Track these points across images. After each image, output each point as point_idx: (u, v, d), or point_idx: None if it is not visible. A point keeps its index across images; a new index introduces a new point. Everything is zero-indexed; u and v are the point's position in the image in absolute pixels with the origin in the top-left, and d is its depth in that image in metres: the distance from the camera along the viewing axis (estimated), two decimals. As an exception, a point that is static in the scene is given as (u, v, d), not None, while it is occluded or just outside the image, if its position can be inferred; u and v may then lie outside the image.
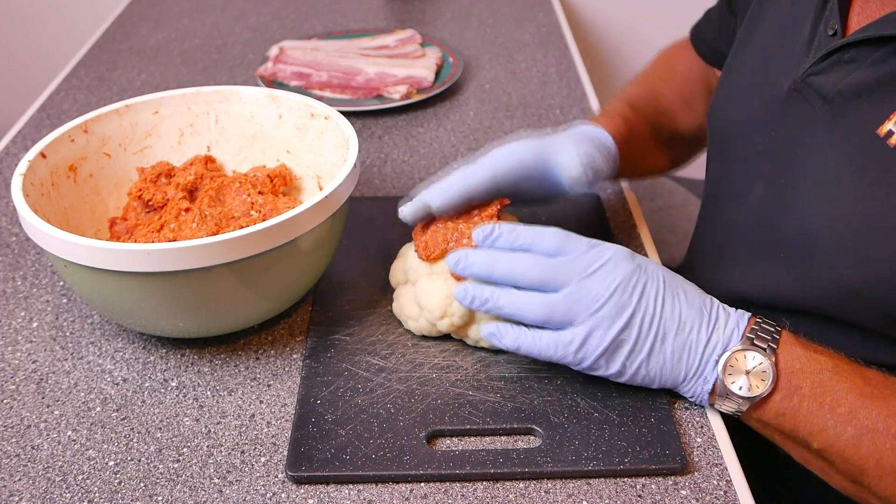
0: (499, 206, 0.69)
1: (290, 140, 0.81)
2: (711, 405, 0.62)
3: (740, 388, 0.58)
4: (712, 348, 0.59)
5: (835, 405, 0.56)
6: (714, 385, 0.59)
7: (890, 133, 0.59)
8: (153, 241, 0.70)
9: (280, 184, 0.78)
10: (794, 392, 0.57)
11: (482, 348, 0.68)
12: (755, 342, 0.58)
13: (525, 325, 0.61)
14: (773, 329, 0.59)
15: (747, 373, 0.58)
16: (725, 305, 0.61)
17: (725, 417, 0.64)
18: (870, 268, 0.59)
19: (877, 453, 0.55)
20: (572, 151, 0.70)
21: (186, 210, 0.73)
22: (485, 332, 0.63)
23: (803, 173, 0.65)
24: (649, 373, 0.60)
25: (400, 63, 1.17)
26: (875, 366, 0.59)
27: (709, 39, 0.93)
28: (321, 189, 0.78)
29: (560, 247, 0.61)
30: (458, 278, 0.66)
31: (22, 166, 0.69)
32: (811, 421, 0.56)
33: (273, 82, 1.14)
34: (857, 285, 0.61)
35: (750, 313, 0.61)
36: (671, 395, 0.65)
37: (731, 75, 0.78)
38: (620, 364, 0.60)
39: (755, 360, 0.58)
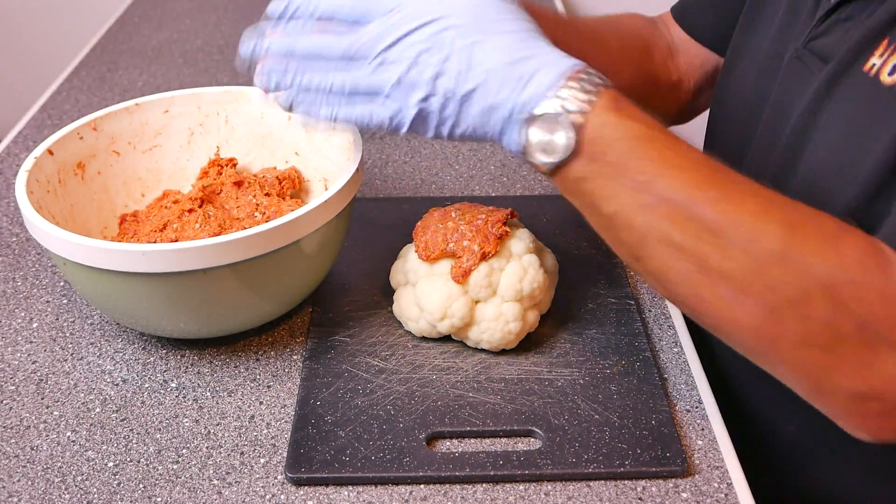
0: (507, 215, 0.69)
1: (299, 142, 0.81)
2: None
3: (542, 152, 0.55)
4: (521, 106, 0.55)
5: (636, 173, 0.53)
6: (522, 145, 0.55)
7: (873, 66, 0.58)
8: (156, 240, 0.70)
9: (289, 186, 0.78)
10: (597, 158, 0.54)
11: (483, 350, 0.68)
12: (565, 105, 0.54)
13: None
14: (593, 88, 0.55)
15: (550, 137, 0.54)
16: (552, 49, 0.56)
17: (725, 419, 0.64)
18: (875, 202, 0.58)
19: (665, 224, 0.53)
20: None
21: (190, 210, 0.73)
22: (286, 101, 0.61)
23: (805, 133, 0.64)
24: (464, 134, 0.57)
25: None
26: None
27: (697, 16, 0.89)
28: (328, 192, 0.79)
29: (364, 10, 0.58)
30: (458, 280, 0.66)
31: (28, 163, 0.70)
32: (608, 185, 0.54)
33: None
34: (863, 218, 0.58)
35: (574, 64, 0.55)
36: (672, 397, 0.65)
37: (741, 61, 0.77)
38: (433, 130, 0.58)
39: (559, 125, 0.54)
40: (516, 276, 0.66)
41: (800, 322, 0.51)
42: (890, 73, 0.57)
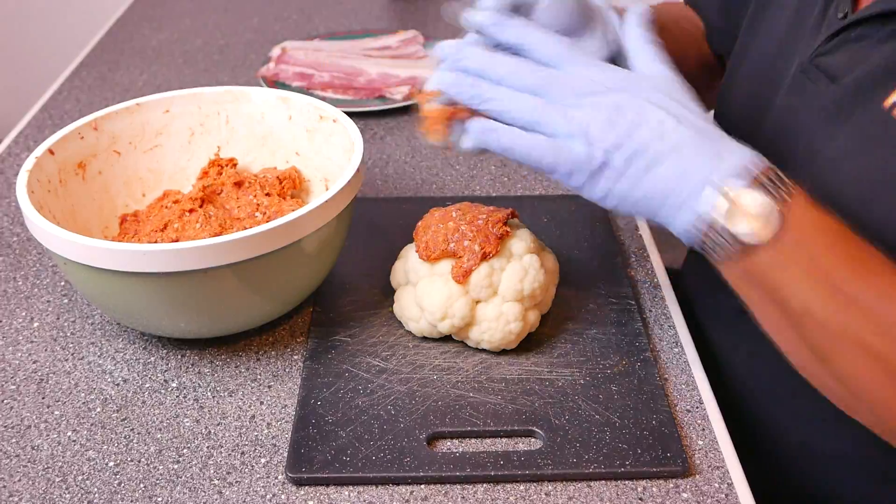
0: (508, 215, 0.69)
1: (300, 142, 0.81)
2: (699, 247, 0.54)
3: (739, 229, 0.51)
4: (712, 177, 0.52)
5: (831, 270, 0.51)
6: (706, 221, 0.52)
7: (895, 105, 0.58)
8: (156, 240, 0.70)
9: (289, 186, 0.78)
10: (796, 244, 0.51)
11: (483, 350, 0.68)
12: (766, 184, 0.52)
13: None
14: (788, 181, 0.53)
15: (748, 215, 0.51)
16: (741, 143, 0.55)
17: (726, 419, 0.64)
18: (885, 240, 0.58)
19: (858, 328, 0.51)
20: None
21: (191, 210, 0.73)
22: (475, 128, 0.56)
23: (811, 156, 0.63)
24: (644, 196, 0.54)
25: (402, 64, 1.17)
26: None
27: (705, 13, 0.90)
28: (328, 192, 0.79)
29: (562, 56, 0.56)
30: (459, 280, 0.65)
31: (28, 163, 0.70)
32: (802, 279, 0.51)
33: (275, 83, 1.14)
34: None
35: (762, 158, 0.53)
36: (672, 397, 0.65)
37: (742, 66, 0.77)
38: (612, 182, 0.54)
39: (761, 201, 0.51)
40: (517, 276, 0.66)
41: None
42: None
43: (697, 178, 0.53)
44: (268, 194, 0.76)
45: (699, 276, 0.80)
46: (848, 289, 0.51)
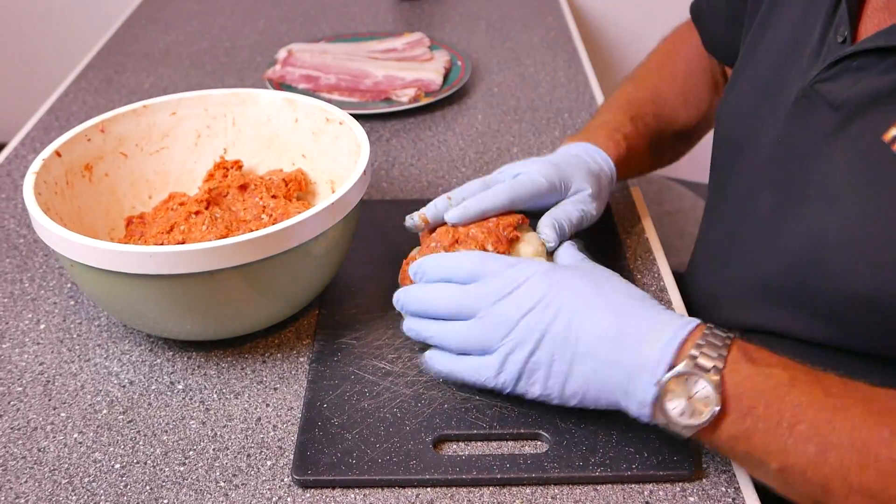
0: (518, 220, 0.69)
1: (306, 144, 0.81)
2: (658, 426, 0.56)
3: (682, 415, 0.53)
4: (643, 367, 0.54)
5: (794, 422, 0.51)
6: (652, 409, 0.54)
7: (894, 139, 0.58)
8: (163, 242, 0.70)
9: (295, 188, 0.78)
10: (747, 413, 0.52)
11: (489, 353, 0.68)
12: (699, 361, 0.53)
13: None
14: (720, 343, 0.54)
15: (689, 398, 0.53)
16: (671, 314, 0.57)
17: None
18: (878, 278, 0.58)
19: (842, 470, 0.50)
20: (581, 181, 0.73)
21: (197, 213, 0.73)
22: (421, 360, 0.64)
23: (810, 181, 0.64)
24: (575, 394, 0.58)
25: (408, 66, 1.17)
26: (832, 370, 0.55)
27: (710, 23, 0.91)
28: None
29: (475, 272, 0.61)
30: None
31: (35, 164, 0.70)
32: (768, 441, 0.52)
33: (281, 85, 1.14)
34: (863, 294, 0.59)
35: (696, 322, 0.56)
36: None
37: (740, 81, 0.78)
38: (541, 386, 0.58)
39: (698, 384, 0.53)
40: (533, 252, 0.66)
41: None
42: None
43: (627, 370, 0.55)
44: (274, 196, 0.76)
45: (701, 279, 0.80)
46: (817, 436, 0.51)
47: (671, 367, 0.53)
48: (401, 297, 0.64)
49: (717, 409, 0.52)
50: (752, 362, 0.54)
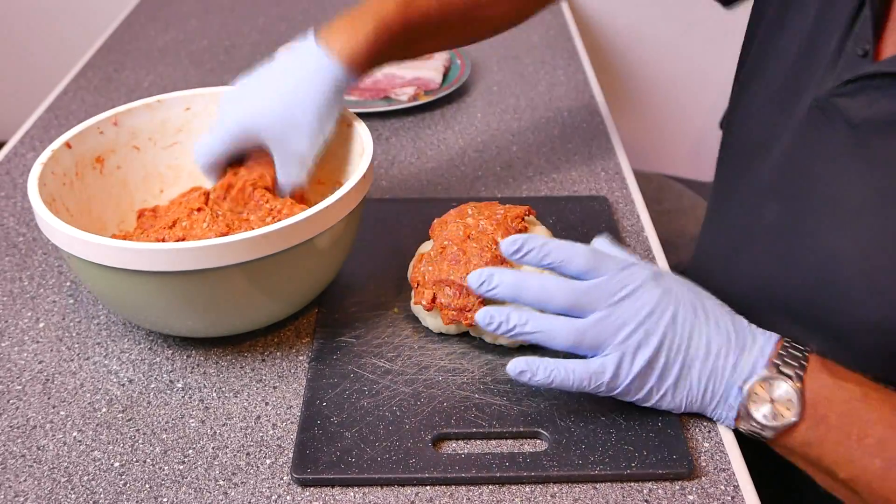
0: (525, 212, 0.69)
1: None
2: (738, 429, 0.60)
3: (765, 416, 0.57)
4: (738, 375, 0.58)
5: (862, 436, 0.54)
6: (738, 411, 0.58)
7: None
8: (164, 238, 0.71)
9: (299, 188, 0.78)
10: (821, 421, 0.56)
11: (489, 351, 0.68)
12: (781, 369, 0.57)
13: (550, 353, 0.61)
14: (800, 354, 0.58)
15: (772, 401, 0.56)
16: (753, 327, 0.60)
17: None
18: (892, 304, 0.59)
19: None
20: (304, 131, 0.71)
21: (199, 209, 0.73)
22: (514, 370, 0.59)
23: (824, 200, 0.63)
24: (675, 399, 0.59)
25: (407, 65, 1.17)
26: None
27: None
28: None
29: (590, 268, 0.59)
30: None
31: (44, 155, 0.70)
32: (838, 451, 0.55)
33: (280, 84, 1.13)
34: (876, 320, 0.60)
35: (777, 336, 0.59)
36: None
37: (752, 86, 0.76)
38: (647, 390, 0.59)
39: (781, 388, 0.56)
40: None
41: None
42: None
43: (724, 377, 0.58)
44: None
45: (705, 276, 0.80)
46: (885, 451, 0.54)
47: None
48: (495, 278, 0.60)
49: (799, 411, 0.56)
50: (829, 374, 0.57)
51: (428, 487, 0.58)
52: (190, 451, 0.62)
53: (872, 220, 0.60)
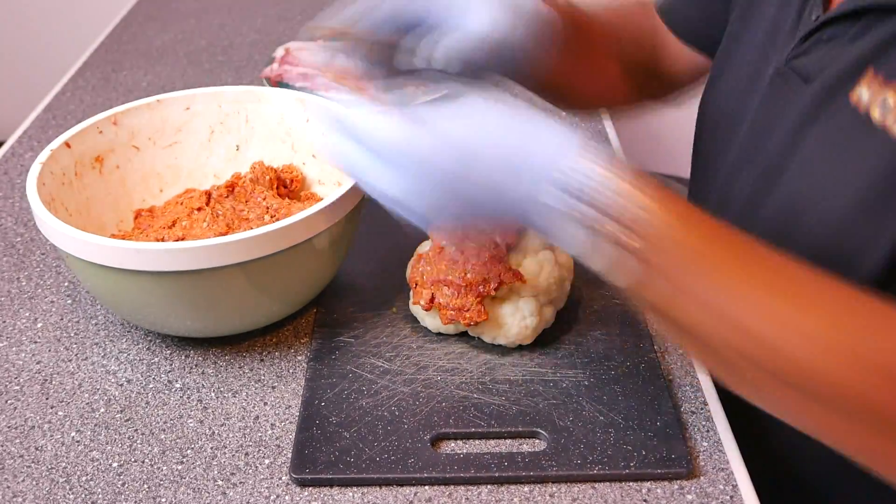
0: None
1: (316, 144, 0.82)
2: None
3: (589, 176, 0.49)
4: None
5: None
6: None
7: (860, 99, 0.58)
8: (164, 237, 0.71)
9: (298, 188, 0.79)
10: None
11: (488, 351, 0.68)
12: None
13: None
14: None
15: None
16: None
17: (730, 420, 0.63)
18: (848, 238, 0.58)
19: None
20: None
21: (199, 209, 0.73)
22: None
23: (785, 155, 0.64)
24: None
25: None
26: None
27: (685, 15, 0.86)
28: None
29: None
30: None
31: (43, 155, 0.70)
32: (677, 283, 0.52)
33: (279, 83, 1.13)
34: (835, 255, 0.59)
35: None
36: (677, 399, 0.65)
37: (725, 73, 0.77)
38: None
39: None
40: (533, 271, 0.66)
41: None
42: (881, 112, 0.56)
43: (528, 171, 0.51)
44: (279, 194, 0.76)
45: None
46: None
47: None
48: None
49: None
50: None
51: (427, 487, 0.58)
52: (188, 451, 0.62)
53: (827, 162, 0.60)
